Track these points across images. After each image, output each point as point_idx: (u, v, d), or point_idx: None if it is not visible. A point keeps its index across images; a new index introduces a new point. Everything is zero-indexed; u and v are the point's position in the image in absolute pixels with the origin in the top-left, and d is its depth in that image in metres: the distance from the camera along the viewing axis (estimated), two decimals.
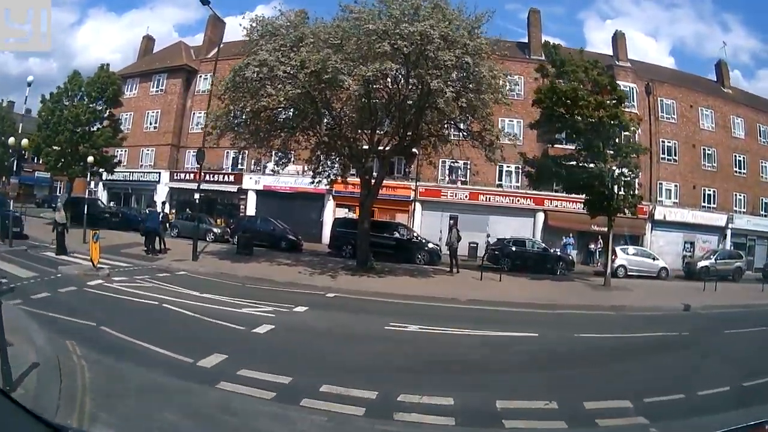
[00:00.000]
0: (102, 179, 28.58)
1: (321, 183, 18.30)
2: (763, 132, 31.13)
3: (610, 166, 16.53)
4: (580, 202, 19.31)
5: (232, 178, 29.57)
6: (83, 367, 4.67)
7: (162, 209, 19.70)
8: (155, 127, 32.77)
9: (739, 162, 30.23)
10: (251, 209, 28.94)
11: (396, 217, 26.63)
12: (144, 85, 33.68)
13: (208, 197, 27.57)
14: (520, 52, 29.92)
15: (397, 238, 20.73)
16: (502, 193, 27.58)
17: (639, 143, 18.88)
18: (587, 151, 16.90)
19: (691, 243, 28.77)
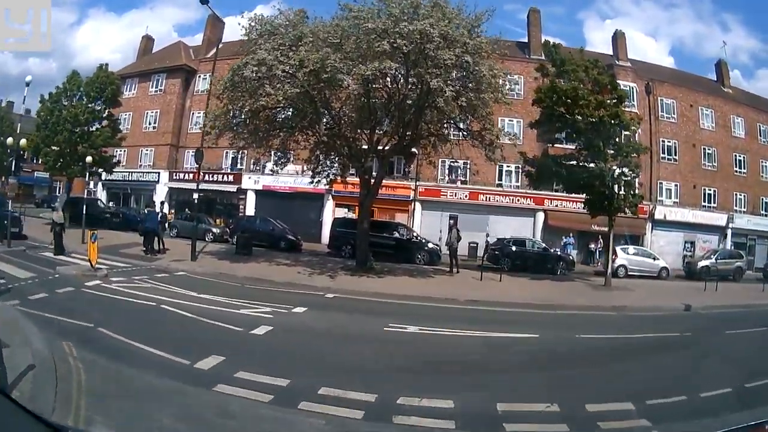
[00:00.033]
0: (101, 179, 28.48)
1: (320, 183, 18.26)
2: (764, 131, 31.10)
3: (610, 165, 16.47)
4: (580, 201, 19.25)
5: (231, 178, 29.48)
6: (79, 369, 4.61)
7: (161, 209, 19.64)
8: (154, 127, 32.71)
9: (740, 161, 30.20)
10: (250, 209, 28.85)
11: (396, 217, 26.57)
12: (143, 85, 33.62)
13: (207, 197, 27.52)
14: (519, 51, 29.89)
15: (397, 238, 20.66)
16: (502, 193, 27.51)
17: (639, 142, 18.81)
18: (587, 151, 16.85)
19: (692, 243, 28.74)
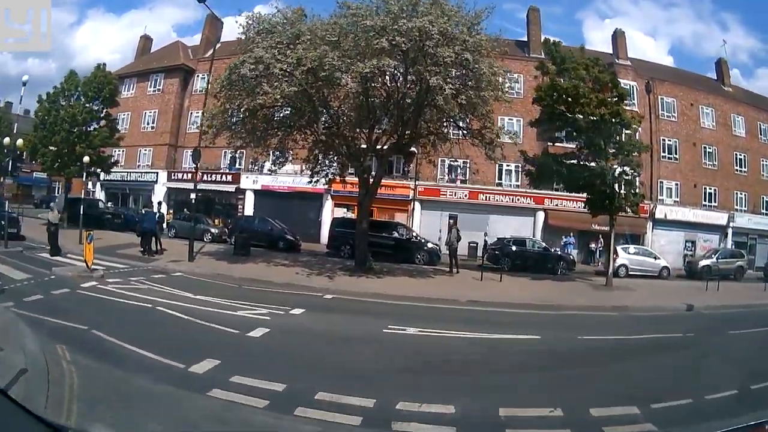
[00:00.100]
0: (99, 179, 28.36)
1: (319, 182, 18.15)
2: (764, 130, 31.01)
3: (611, 164, 16.37)
4: (580, 200, 19.16)
5: (229, 177, 29.35)
6: (72, 373, 4.47)
7: (158, 209, 19.51)
8: (152, 127, 32.59)
9: (740, 160, 30.12)
10: (249, 209, 28.72)
11: (395, 217, 26.45)
12: (141, 85, 33.51)
13: (206, 197, 27.42)
14: (519, 50, 29.79)
15: (396, 237, 20.53)
16: (502, 192, 27.39)
17: (640, 141, 18.69)
18: (588, 150, 16.73)
19: (692, 242, 28.67)
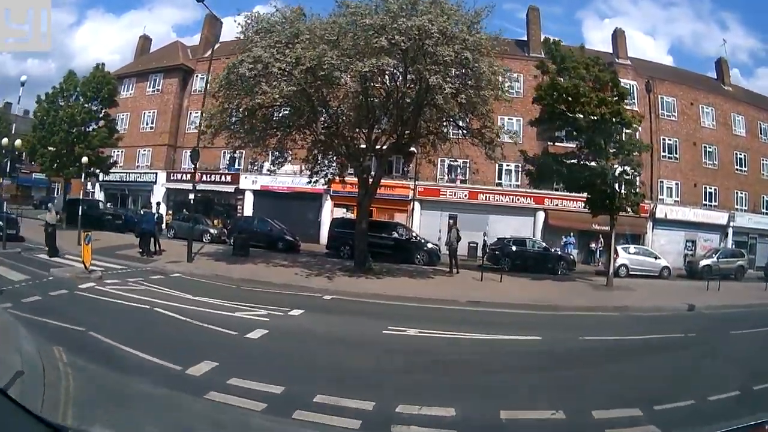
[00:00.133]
0: (98, 180, 28.29)
1: (318, 183, 18.08)
2: (764, 129, 30.96)
3: (612, 163, 16.30)
4: (580, 200, 19.10)
5: (229, 178, 29.25)
6: (68, 375, 4.39)
7: (157, 210, 19.44)
8: (152, 128, 32.51)
9: (740, 159, 30.07)
10: (248, 209, 28.64)
11: (395, 217, 26.38)
12: (140, 85, 33.42)
13: (205, 198, 27.34)
14: (519, 50, 29.71)
15: (396, 238, 20.47)
16: (502, 192, 27.32)
17: (641, 140, 18.63)
18: (589, 149, 16.67)
19: (693, 241, 28.63)
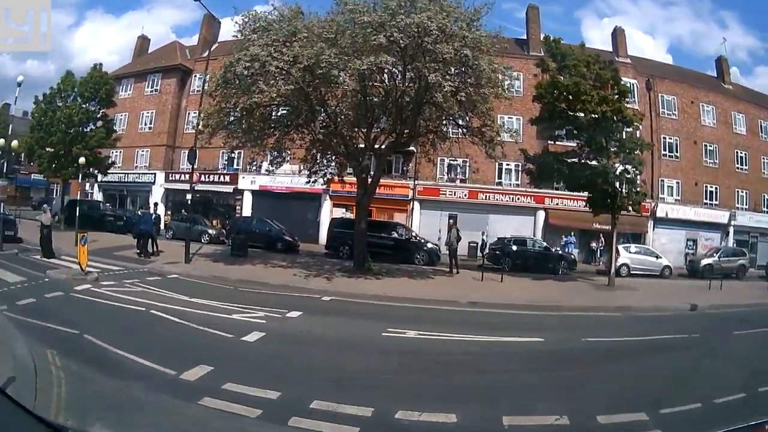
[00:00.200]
0: (97, 181, 28.15)
1: (317, 182, 17.95)
2: (765, 128, 30.85)
3: (613, 162, 16.17)
4: (581, 199, 18.98)
5: (227, 178, 29.11)
6: (61, 380, 4.26)
7: (154, 211, 19.34)
8: (150, 128, 32.37)
9: (741, 158, 29.95)
10: (247, 210, 28.49)
11: (394, 217, 26.24)
12: (138, 86, 33.28)
13: (204, 198, 27.23)
14: (518, 48, 29.58)
15: (396, 238, 20.33)
16: (502, 192, 27.16)
17: (642, 138, 18.50)
18: (589, 148, 16.53)
19: (694, 240, 28.50)
